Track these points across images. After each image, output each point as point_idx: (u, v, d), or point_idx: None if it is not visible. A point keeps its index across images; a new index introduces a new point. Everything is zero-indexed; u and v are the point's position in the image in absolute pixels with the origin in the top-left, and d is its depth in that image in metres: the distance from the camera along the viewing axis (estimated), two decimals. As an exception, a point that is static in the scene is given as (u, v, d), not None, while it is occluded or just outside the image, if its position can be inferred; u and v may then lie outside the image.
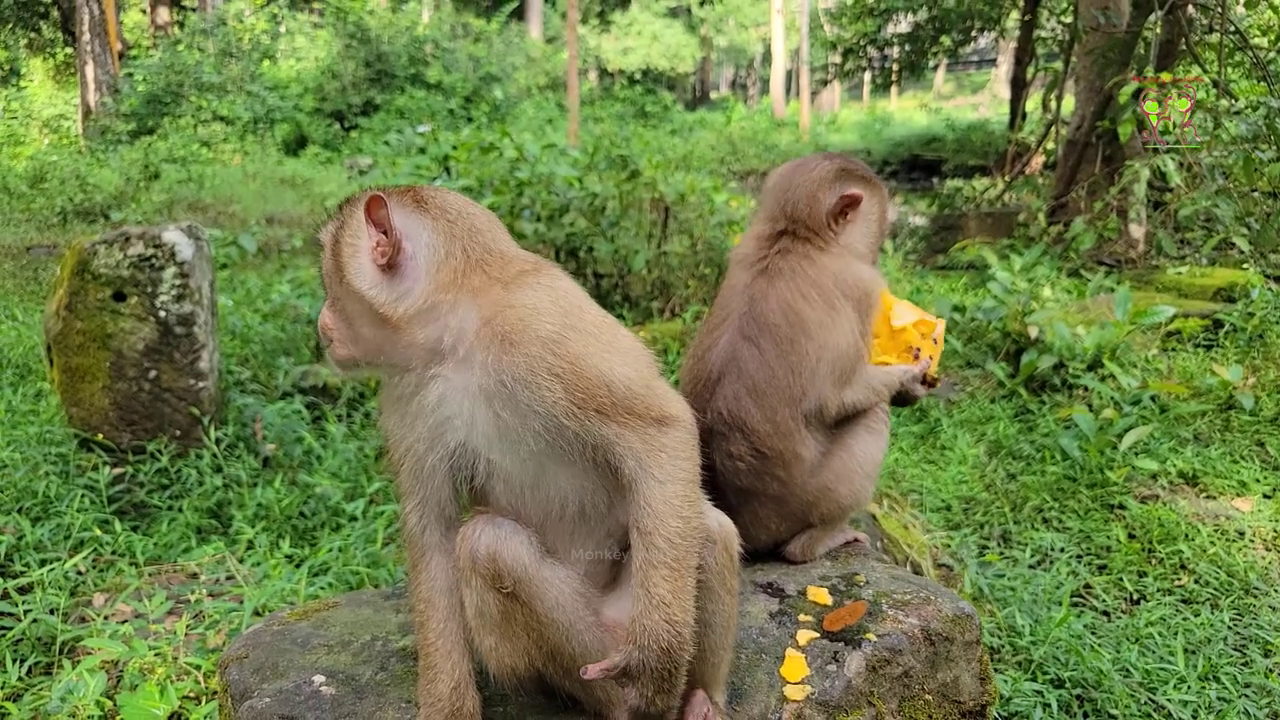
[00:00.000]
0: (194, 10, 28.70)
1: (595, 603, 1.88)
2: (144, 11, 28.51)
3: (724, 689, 1.96)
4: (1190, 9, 9.16)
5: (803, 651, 2.08)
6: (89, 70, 22.27)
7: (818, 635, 2.15)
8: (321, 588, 3.86)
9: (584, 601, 1.81)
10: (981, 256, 8.86)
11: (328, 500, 4.77)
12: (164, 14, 27.12)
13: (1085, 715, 3.17)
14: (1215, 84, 8.24)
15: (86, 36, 21.93)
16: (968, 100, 40.09)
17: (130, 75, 23.37)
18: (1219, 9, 8.80)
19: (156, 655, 3.23)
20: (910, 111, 38.09)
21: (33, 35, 28.75)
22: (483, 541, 1.75)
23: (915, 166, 26.22)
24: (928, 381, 2.80)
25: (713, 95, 51.62)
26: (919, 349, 2.79)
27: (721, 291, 2.80)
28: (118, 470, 4.89)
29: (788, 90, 41.65)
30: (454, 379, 1.76)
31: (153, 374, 5.08)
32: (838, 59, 22.16)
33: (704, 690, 1.92)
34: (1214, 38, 9.03)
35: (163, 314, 5.06)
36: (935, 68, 32.37)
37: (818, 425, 2.59)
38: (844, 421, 2.64)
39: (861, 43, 21.51)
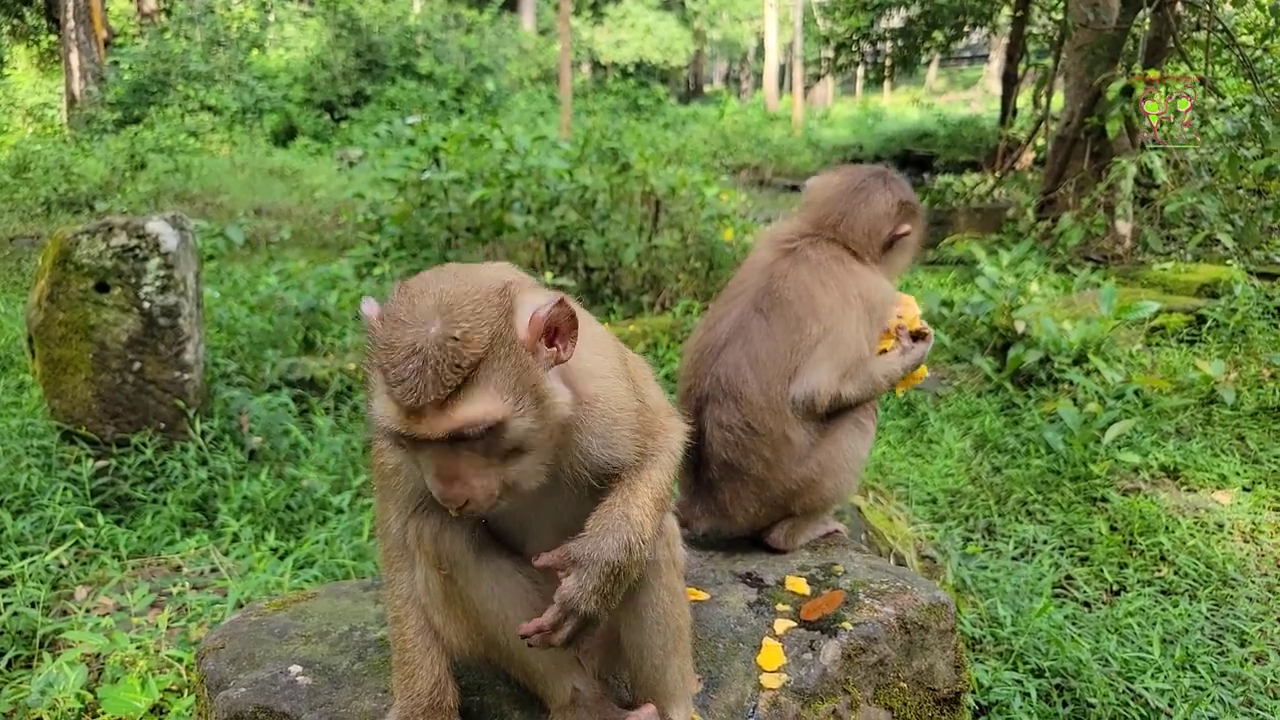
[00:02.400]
0: (182, -1, 28.51)
1: (548, 599, 1.83)
2: None
3: (684, 704, 1.89)
4: (1178, 7, 9.20)
5: (780, 640, 2.10)
6: (74, 58, 22.10)
7: (795, 624, 2.16)
8: (307, 580, 3.85)
9: (526, 598, 1.78)
10: (970, 251, 8.89)
11: (314, 493, 4.77)
12: (150, 1, 26.92)
13: (1064, 704, 3.20)
14: (1202, 81, 8.27)
15: (71, 24, 21.76)
16: (960, 96, 40.12)
17: (116, 63, 23.21)
18: (1207, 7, 8.84)
19: (138, 648, 3.23)
20: (903, 107, 38.12)
21: (16, 22, 28.47)
22: (430, 521, 1.76)
23: (907, 162, 26.19)
24: (920, 336, 2.80)
25: (706, 89, 51.55)
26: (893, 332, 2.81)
27: (743, 267, 2.83)
28: (101, 463, 4.86)
29: (781, 84, 41.61)
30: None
31: (136, 366, 5.06)
32: (830, 53, 22.21)
33: (656, 703, 1.86)
34: (1201, 35, 9.07)
35: (146, 305, 5.03)
36: (928, 63, 32.45)
37: (807, 414, 2.59)
38: (834, 415, 2.65)
39: (854, 37, 21.55)
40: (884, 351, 2.77)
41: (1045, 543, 4.44)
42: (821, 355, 2.56)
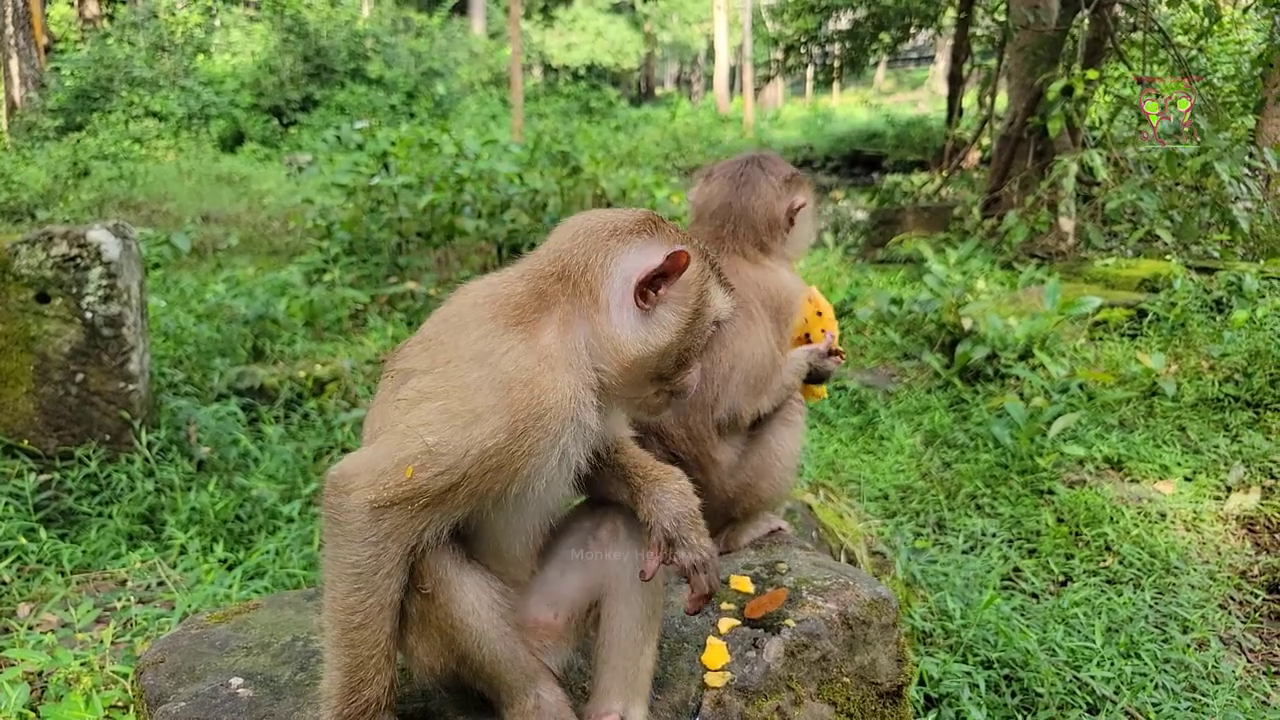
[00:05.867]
0: (124, 3, 27.93)
1: (518, 607, 1.87)
2: (71, 4, 27.66)
3: (646, 702, 1.91)
4: (1116, 8, 9.41)
5: (724, 639, 2.11)
6: (13, 65, 21.55)
7: (739, 623, 2.18)
8: (256, 591, 3.80)
9: (499, 613, 1.78)
10: (918, 250, 9.02)
11: (264, 502, 4.71)
12: (92, 6, 26.36)
13: (1013, 694, 3.25)
14: (1139, 81, 8.48)
15: (10, 29, 21.22)
16: (907, 96, 40.67)
17: (57, 70, 22.70)
18: (1143, 8, 9.05)
19: (82, 665, 3.16)
20: (852, 108, 38.56)
21: (-47, 29, 27.71)
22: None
23: (856, 162, 26.58)
24: (834, 354, 2.82)
25: (658, 91, 51.69)
26: (808, 334, 2.82)
27: None
28: (44, 477, 4.77)
29: (731, 86, 41.84)
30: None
31: (80, 377, 4.96)
32: (780, 55, 22.37)
33: (623, 703, 1.88)
34: (1139, 36, 9.29)
35: (89, 315, 4.94)
36: (875, 64, 32.82)
37: (732, 430, 2.61)
38: (759, 421, 2.67)
39: (803, 39, 21.73)
40: (806, 338, 2.78)
41: (994, 536, 4.51)
42: (737, 382, 2.56)
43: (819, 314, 2.82)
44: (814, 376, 2.79)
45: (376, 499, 1.64)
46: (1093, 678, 3.26)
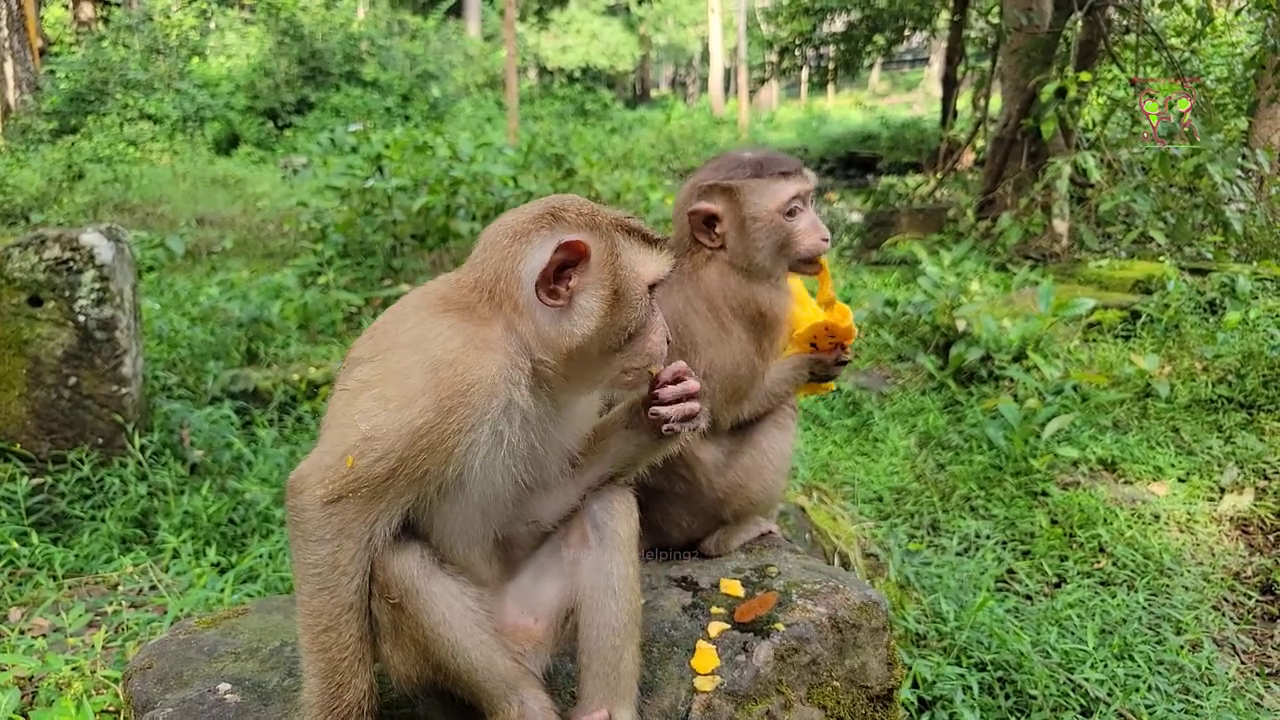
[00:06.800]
0: (119, 6, 27.89)
1: (494, 613, 1.85)
2: (66, 7, 27.59)
3: (632, 704, 1.91)
4: (1109, 10, 9.44)
5: (713, 643, 2.10)
6: (8, 67, 21.50)
7: (729, 627, 2.17)
8: (249, 594, 3.79)
9: (474, 620, 1.78)
10: (913, 252, 9.03)
11: (257, 506, 4.70)
12: (87, 9, 26.32)
13: (1007, 697, 3.25)
14: (1133, 83, 8.50)
15: (4, 32, 21.16)
16: (902, 98, 40.70)
17: (52, 72, 22.65)
18: (1136, 10, 9.08)
19: (73, 670, 3.14)
20: (846, 109, 38.57)
21: (-53, 32, 27.64)
22: (383, 549, 1.75)
23: (851, 163, 26.60)
24: (840, 360, 2.79)
25: (653, 93, 51.74)
26: (815, 341, 2.80)
27: None
28: (36, 480, 4.75)
29: (726, 88, 41.90)
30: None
31: (72, 381, 4.95)
32: (774, 58, 22.36)
33: (606, 709, 1.88)
34: (1132, 38, 9.32)
35: (82, 319, 4.93)
36: (870, 66, 32.87)
37: (713, 432, 2.58)
38: (748, 422, 2.66)
39: (797, 42, 21.73)
40: (813, 346, 2.76)
41: (988, 537, 4.51)
42: (713, 389, 2.52)
43: (831, 336, 2.76)
44: (819, 376, 2.77)
45: (325, 494, 1.67)
46: (1086, 680, 3.26)
